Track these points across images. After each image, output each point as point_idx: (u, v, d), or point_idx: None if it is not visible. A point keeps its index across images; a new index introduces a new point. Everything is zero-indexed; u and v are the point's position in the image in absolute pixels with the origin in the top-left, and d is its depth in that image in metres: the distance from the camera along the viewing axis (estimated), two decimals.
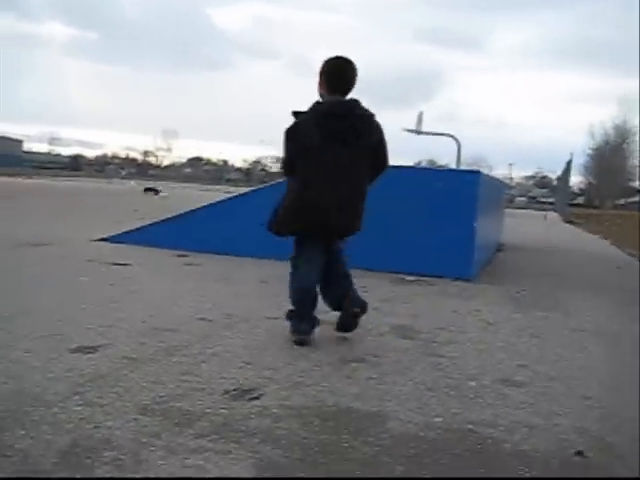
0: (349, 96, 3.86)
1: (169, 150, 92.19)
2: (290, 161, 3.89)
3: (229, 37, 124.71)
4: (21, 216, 12.14)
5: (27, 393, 2.79)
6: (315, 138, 3.72)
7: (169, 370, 3.23)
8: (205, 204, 8.19)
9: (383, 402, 2.99)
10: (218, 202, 8.21)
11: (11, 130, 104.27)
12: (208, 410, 2.74)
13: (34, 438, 2.37)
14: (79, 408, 2.66)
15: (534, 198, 79.10)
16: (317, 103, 3.86)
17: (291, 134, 3.82)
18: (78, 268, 6.15)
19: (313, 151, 3.75)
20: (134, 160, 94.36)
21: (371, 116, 3.89)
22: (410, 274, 6.74)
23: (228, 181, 67.38)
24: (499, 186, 12.34)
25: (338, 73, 3.86)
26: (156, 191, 26.63)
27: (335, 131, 3.73)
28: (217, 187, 36.74)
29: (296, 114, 3.85)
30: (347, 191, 3.80)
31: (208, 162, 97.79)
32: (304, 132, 3.77)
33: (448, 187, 6.99)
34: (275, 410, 2.79)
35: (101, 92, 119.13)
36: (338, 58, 3.88)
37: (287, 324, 4.01)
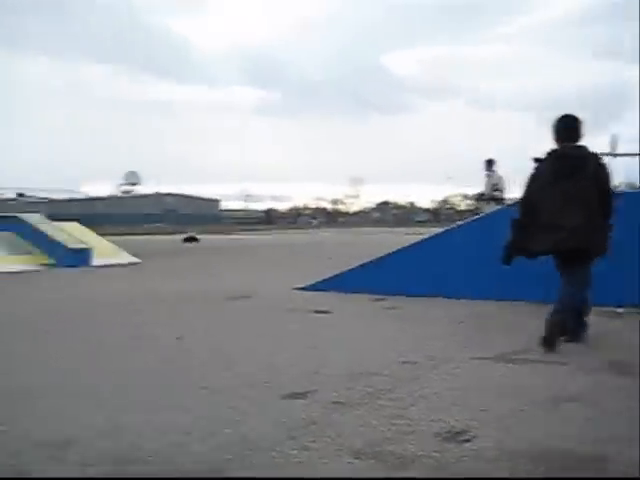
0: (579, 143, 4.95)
1: (357, 197, 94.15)
2: (529, 198, 4.98)
3: (404, 81, 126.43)
4: (227, 270, 12.89)
5: (247, 438, 2.93)
6: (549, 176, 4.83)
7: (378, 414, 3.26)
8: (400, 247, 8.25)
9: (602, 444, 2.81)
10: (414, 244, 8.23)
11: (210, 190, 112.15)
12: (421, 453, 2.72)
13: None
14: (295, 452, 2.75)
15: None
16: (551, 150, 4.96)
17: (534, 175, 4.97)
18: (282, 317, 6.41)
19: (547, 186, 4.82)
20: (324, 209, 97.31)
21: (590, 153, 4.88)
22: (621, 306, 6.32)
23: (417, 223, 67.47)
24: None
25: (564, 128, 4.99)
26: (194, 239, 27.11)
27: (562, 169, 4.80)
28: (405, 230, 37.06)
29: (537, 160, 4.99)
30: (577, 214, 4.66)
31: (395, 205, 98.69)
32: (542, 173, 4.90)
33: None
34: (489, 453, 2.71)
35: (288, 147, 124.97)
36: (565, 116, 5.03)
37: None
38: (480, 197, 13.41)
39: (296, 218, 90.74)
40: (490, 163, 13.14)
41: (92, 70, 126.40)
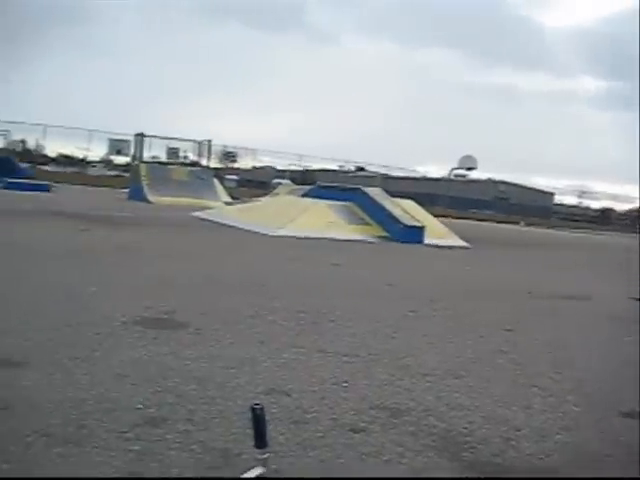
0: None
1: None
2: None
3: None
4: (556, 267, 12.42)
5: (581, 448, 2.79)
6: None
7: None
8: None
9: None
10: None
11: (542, 183, 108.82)
12: None
13: None
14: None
15: None
16: None
17: None
18: (618, 326, 5.99)
19: None
20: None
21: None
22: None
23: None
24: None
25: None
26: None
27: None
28: None
29: None
30: None
31: None
32: None
33: None
34: None
35: (633, 144, 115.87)
36: None
37: None
38: None
39: (635, 221, 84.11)
40: None
41: (440, 54, 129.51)
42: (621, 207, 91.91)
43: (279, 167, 71.05)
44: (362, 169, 72.10)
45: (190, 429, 2.61)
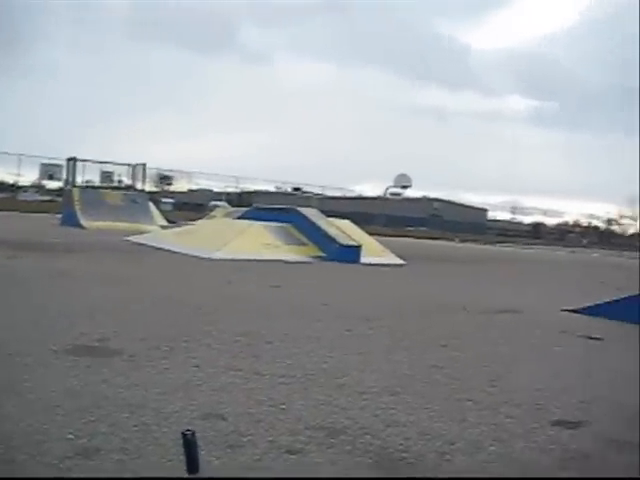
0: None
1: (634, 218, 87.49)
2: None
3: None
4: (491, 282, 12.68)
5: (513, 459, 2.85)
6: None
7: None
8: None
9: None
10: None
11: (476, 199, 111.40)
12: None
13: None
14: None
15: None
16: None
17: None
18: (550, 338, 6.14)
19: None
20: (596, 229, 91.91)
21: None
22: None
23: None
24: None
25: None
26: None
27: None
28: None
29: None
30: None
31: None
32: None
33: None
34: None
35: (561, 160, 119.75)
36: None
37: None
38: None
39: (564, 235, 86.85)
40: None
41: (374, 74, 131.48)
42: (551, 221, 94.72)
43: (215, 189, 70.86)
44: (299, 190, 72.46)
45: (124, 458, 2.56)
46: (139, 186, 29.31)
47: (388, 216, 53.17)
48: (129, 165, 30.01)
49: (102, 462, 2.51)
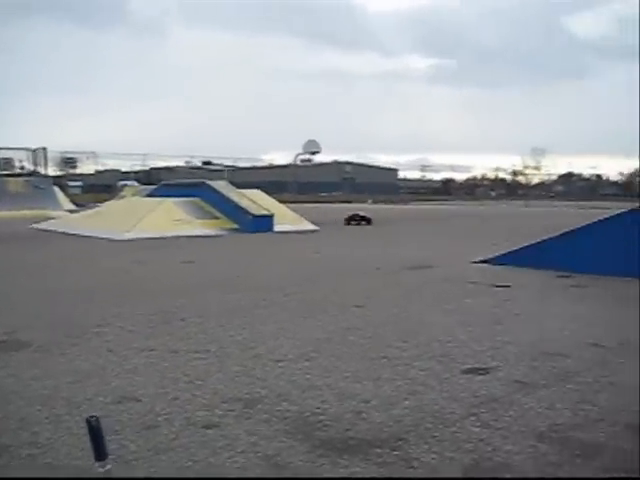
0: None
1: (538, 168, 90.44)
2: None
3: (588, 43, 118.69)
4: (404, 240, 12.90)
5: (426, 410, 2.92)
6: None
7: (563, 397, 3.12)
8: (588, 223, 7.81)
9: None
10: (606, 219, 7.70)
11: (386, 160, 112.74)
12: (611, 443, 2.57)
13: (437, 454, 2.46)
14: (476, 429, 2.71)
15: None
16: None
17: None
18: (460, 290, 6.32)
19: None
20: (503, 181, 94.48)
21: None
22: None
23: (603, 196, 63.71)
24: None
25: None
26: (364, 219, 17.95)
27: None
28: (590, 204, 34.97)
29: None
30: None
31: (580, 178, 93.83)
32: None
33: None
34: None
35: (465, 117, 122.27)
36: None
37: None
38: None
39: (473, 189, 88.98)
40: None
41: (269, 42, 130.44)
42: (460, 177, 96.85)
43: (123, 169, 69.08)
44: (209, 163, 71.46)
45: (35, 452, 2.50)
46: (42, 171, 28.30)
47: (300, 183, 53.18)
48: (28, 150, 28.91)
49: (11, 459, 2.44)
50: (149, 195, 17.26)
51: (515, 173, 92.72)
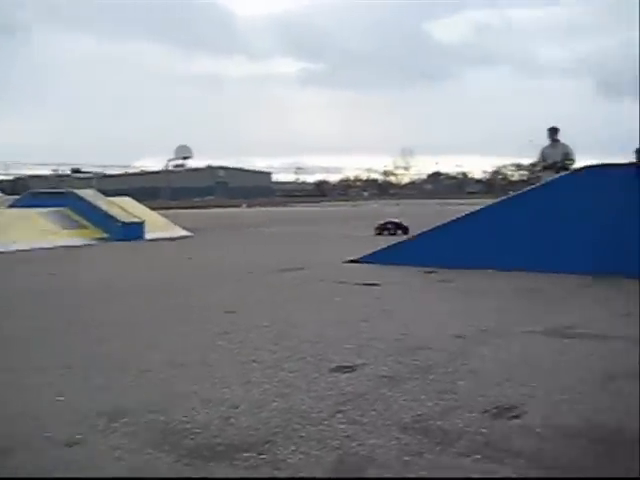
0: None
1: (407, 168, 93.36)
2: None
3: (449, 48, 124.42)
4: (277, 243, 12.96)
5: (294, 411, 2.95)
6: None
7: (426, 388, 3.24)
8: (452, 219, 8.15)
9: None
10: (467, 215, 8.08)
11: (260, 164, 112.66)
12: (468, 429, 2.69)
13: (304, 454, 2.49)
14: (343, 426, 2.75)
15: None
16: None
17: None
18: (330, 290, 6.42)
19: None
20: (375, 181, 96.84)
21: None
22: None
23: (469, 194, 66.64)
24: None
25: None
26: None
27: None
28: (457, 201, 36.57)
29: None
30: None
31: (447, 176, 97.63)
32: None
33: None
34: (539, 430, 2.67)
35: (338, 119, 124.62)
36: None
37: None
38: (550, 166, 12.59)
39: (347, 190, 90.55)
40: (554, 131, 12.81)
41: (137, 47, 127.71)
42: (333, 178, 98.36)
43: None
44: (78, 171, 68.91)
45: None
46: None
47: (174, 189, 52.27)
48: None
49: None
50: (12, 205, 16.43)
51: (386, 173, 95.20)
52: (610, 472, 2.31)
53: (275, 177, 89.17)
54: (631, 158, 6.91)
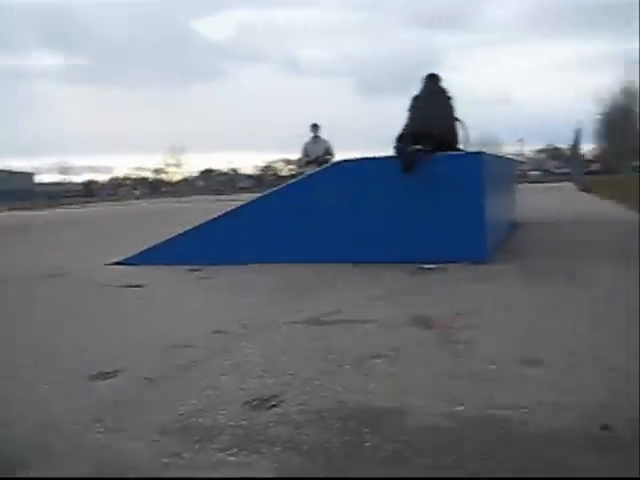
0: None
1: (179, 165, 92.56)
2: None
3: (216, 47, 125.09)
4: (35, 249, 12.22)
5: (50, 425, 2.81)
6: None
7: (188, 387, 3.24)
8: (216, 215, 8.18)
9: (404, 396, 2.96)
10: (229, 211, 8.14)
11: (20, 164, 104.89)
12: (229, 423, 2.74)
13: (58, 468, 2.39)
14: (100, 436, 2.67)
15: (548, 171, 78.11)
16: None
17: None
18: (92, 294, 6.19)
19: None
20: (145, 179, 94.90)
21: None
22: (428, 262, 6.67)
23: (241, 189, 67.52)
24: (507, 163, 12.24)
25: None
26: None
27: None
28: (228, 197, 36.78)
29: None
30: None
31: (219, 173, 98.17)
32: None
33: (452, 171, 6.97)
34: (295, 416, 2.78)
35: (103, 116, 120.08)
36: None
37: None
38: (313, 161, 13.09)
39: (116, 189, 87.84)
40: (315, 127, 13.65)
41: None
42: (103, 178, 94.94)
43: None
44: None
45: None
46: None
47: None
48: None
49: None
50: None
51: (157, 171, 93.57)
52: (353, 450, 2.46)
53: (38, 178, 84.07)
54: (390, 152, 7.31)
